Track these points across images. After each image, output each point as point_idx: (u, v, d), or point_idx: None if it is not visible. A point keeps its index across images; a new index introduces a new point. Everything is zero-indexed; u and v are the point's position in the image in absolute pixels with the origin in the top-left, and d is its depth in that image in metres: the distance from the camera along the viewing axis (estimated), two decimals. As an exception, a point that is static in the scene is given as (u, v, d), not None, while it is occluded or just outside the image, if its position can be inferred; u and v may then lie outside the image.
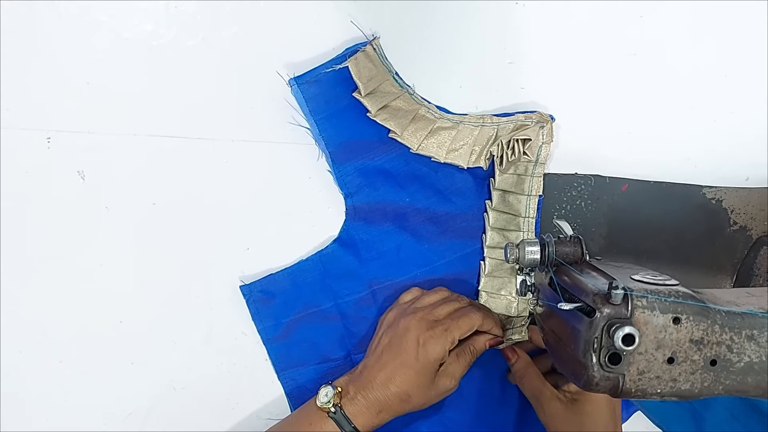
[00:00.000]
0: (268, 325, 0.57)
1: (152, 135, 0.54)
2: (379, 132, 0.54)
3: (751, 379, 0.39)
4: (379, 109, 0.52)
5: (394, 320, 0.54)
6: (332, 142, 0.54)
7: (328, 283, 0.57)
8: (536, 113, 0.55)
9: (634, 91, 0.57)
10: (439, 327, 0.51)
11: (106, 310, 0.56)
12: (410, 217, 0.56)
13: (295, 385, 0.58)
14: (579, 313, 0.40)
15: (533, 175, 0.56)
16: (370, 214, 0.56)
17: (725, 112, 0.58)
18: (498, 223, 0.56)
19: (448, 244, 0.57)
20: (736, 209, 0.59)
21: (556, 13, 0.54)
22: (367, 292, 0.57)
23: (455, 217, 0.57)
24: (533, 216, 0.56)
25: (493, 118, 0.55)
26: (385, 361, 0.51)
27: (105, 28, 0.51)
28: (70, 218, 0.54)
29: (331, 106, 0.53)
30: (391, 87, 0.53)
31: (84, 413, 0.57)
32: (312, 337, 0.57)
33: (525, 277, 0.52)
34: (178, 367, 0.57)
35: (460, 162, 0.55)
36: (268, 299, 0.56)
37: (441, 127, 0.54)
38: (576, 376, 0.41)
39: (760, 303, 0.40)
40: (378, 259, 0.57)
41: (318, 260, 0.56)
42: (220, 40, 0.52)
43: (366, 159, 0.55)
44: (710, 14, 0.55)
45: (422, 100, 0.54)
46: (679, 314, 0.38)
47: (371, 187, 0.55)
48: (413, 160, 0.55)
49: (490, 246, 0.57)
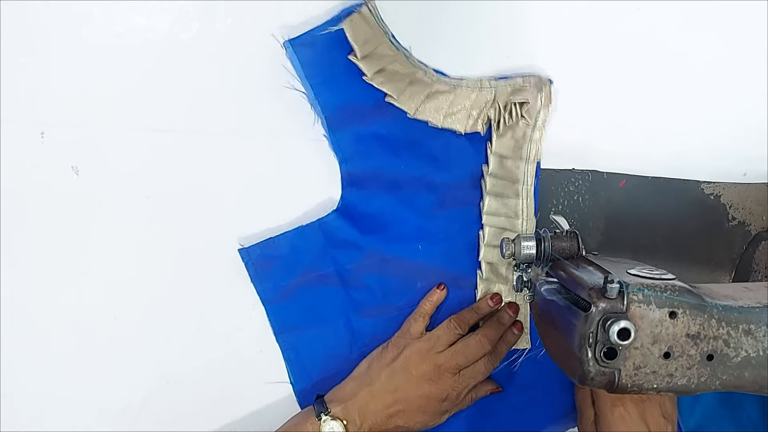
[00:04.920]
0: (267, 286, 0.56)
1: (146, 129, 0.53)
2: (376, 97, 0.53)
3: (748, 374, 0.39)
4: (376, 72, 0.51)
5: (404, 352, 0.54)
6: (328, 107, 0.52)
7: (328, 250, 0.55)
8: (534, 76, 0.53)
9: (632, 86, 0.56)
10: (451, 379, 0.53)
11: (99, 304, 0.55)
12: (406, 186, 0.55)
13: (294, 350, 0.57)
14: (574, 307, 0.40)
15: (531, 140, 0.55)
16: (365, 182, 0.55)
17: (723, 108, 0.57)
18: (495, 188, 0.55)
19: (446, 214, 0.56)
20: (735, 204, 0.59)
21: (551, 6, 0.54)
22: (368, 261, 0.56)
23: (452, 185, 0.56)
24: (532, 182, 0.55)
25: (491, 82, 0.54)
26: (396, 398, 0.52)
27: (98, 22, 0.51)
28: (64, 213, 0.54)
29: (327, 70, 0.52)
30: (388, 50, 0.52)
31: (77, 408, 0.56)
32: (311, 300, 0.56)
33: (521, 273, 0.52)
34: (172, 362, 0.57)
35: (457, 127, 0.54)
36: (267, 262, 0.55)
37: (438, 90, 0.53)
38: (572, 371, 0.40)
39: (757, 297, 0.40)
40: (378, 232, 0.56)
41: (318, 228, 0.55)
42: (214, 32, 0.52)
43: (362, 125, 0.53)
44: (709, 8, 0.55)
45: (419, 63, 0.53)
46: (675, 309, 0.38)
47: (367, 153, 0.54)
48: (409, 126, 0.54)
49: (488, 213, 0.56)
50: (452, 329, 0.55)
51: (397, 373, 0.53)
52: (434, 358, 0.53)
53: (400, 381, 0.52)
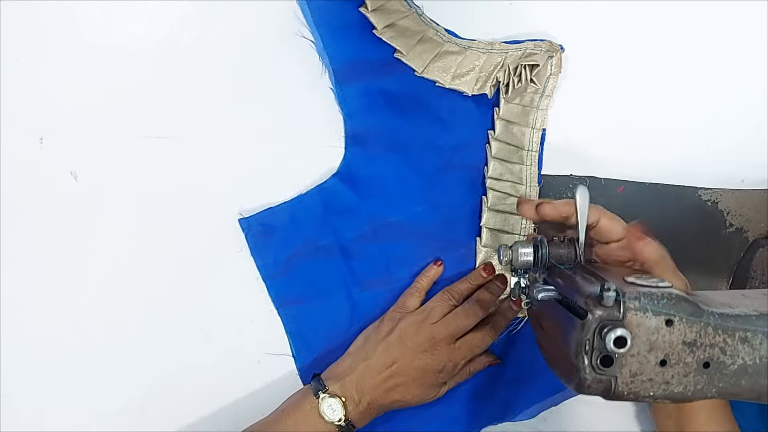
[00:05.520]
0: (267, 261, 0.55)
1: (145, 134, 0.54)
2: (384, 52, 0.53)
3: (745, 382, 0.39)
4: (386, 26, 0.51)
5: (399, 326, 0.54)
6: (336, 59, 0.52)
7: (327, 218, 0.55)
8: (546, 42, 0.53)
9: (630, 93, 0.57)
10: (447, 349, 0.53)
11: (98, 307, 0.55)
12: (411, 146, 0.55)
13: (295, 323, 0.57)
14: (571, 314, 0.40)
15: (539, 108, 0.54)
16: (369, 142, 0.54)
17: (722, 114, 0.58)
18: (501, 153, 0.55)
19: (449, 177, 0.56)
20: (732, 211, 0.59)
21: (551, 12, 0.54)
22: (368, 228, 0.56)
23: (457, 147, 0.55)
24: (536, 150, 0.55)
25: (501, 45, 0.53)
26: (393, 371, 0.52)
27: (96, 27, 0.51)
28: (63, 217, 0.54)
29: (337, 20, 0.51)
30: (399, 6, 0.52)
31: (77, 408, 0.57)
32: (312, 273, 0.56)
33: (519, 279, 0.52)
34: (172, 364, 0.57)
35: (464, 88, 0.54)
36: (267, 233, 0.55)
37: (448, 51, 0.53)
38: (568, 377, 0.40)
39: (754, 305, 0.40)
40: (379, 195, 0.55)
41: (317, 194, 0.55)
42: (212, 37, 0.52)
43: (369, 79, 0.53)
44: (707, 15, 0.55)
45: (431, 21, 0.53)
46: (671, 316, 0.38)
47: (373, 108, 0.54)
48: (417, 84, 0.54)
49: (492, 177, 0.55)
50: (446, 300, 0.55)
51: (393, 346, 0.53)
52: (429, 329, 0.53)
53: (396, 354, 0.52)
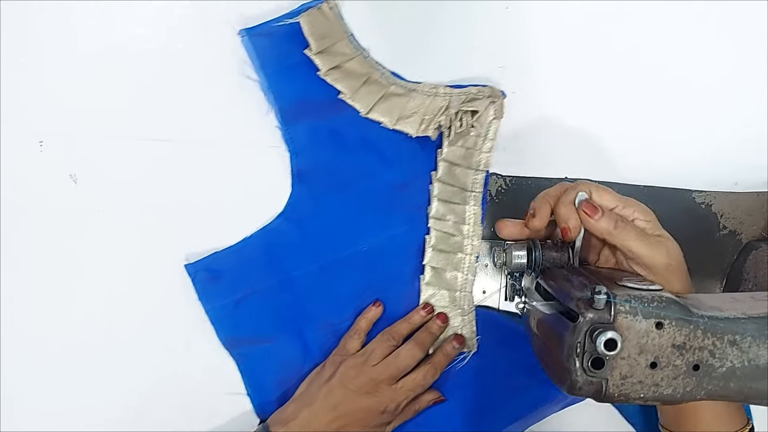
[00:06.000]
0: (215, 305, 0.55)
1: (145, 138, 0.54)
2: (330, 92, 0.53)
3: (733, 385, 0.39)
4: (331, 68, 0.52)
5: (340, 369, 0.54)
6: (282, 98, 0.53)
7: (274, 259, 0.56)
8: (488, 87, 0.54)
9: (625, 96, 0.57)
10: (388, 390, 0.54)
11: (97, 311, 0.56)
12: (356, 185, 0.56)
13: (248, 364, 0.57)
14: (563, 317, 0.41)
15: (482, 150, 0.55)
16: (316, 180, 0.55)
17: (715, 117, 0.58)
18: (443, 194, 0.56)
19: (394, 215, 0.56)
20: (726, 214, 0.59)
21: (547, 14, 0.54)
22: (315, 266, 0.56)
23: (401, 186, 0.56)
24: (480, 191, 0.56)
25: (446, 89, 0.54)
26: (337, 414, 0.53)
27: (95, 32, 0.52)
28: (63, 222, 0.54)
29: (282, 61, 0.52)
30: (346, 48, 0.53)
31: (76, 413, 0.57)
32: (261, 314, 0.56)
33: (514, 281, 0.52)
34: (170, 369, 0.57)
35: (409, 129, 0.54)
36: (214, 278, 0.55)
37: (393, 93, 0.54)
38: (560, 380, 0.41)
39: (743, 308, 0.41)
40: (324, 233, 0.56)
41: (263, 236, 0.55)
42: (211, 42, 0.53)
43: (316, 118, 0.54)
44: (704, 18, 0.55)
45: (376, 64, 0.54)
46: (661, 319, 0.38)
47: (319, 147, 0.55)
48: (362, 124, 0.54)
49: (434, 217, 0.56)
50: (386, 341, 0.55)
51: (335, 389, 0.53)
52: (369, 371, 0.54)
53: (339, 397, 0.53)
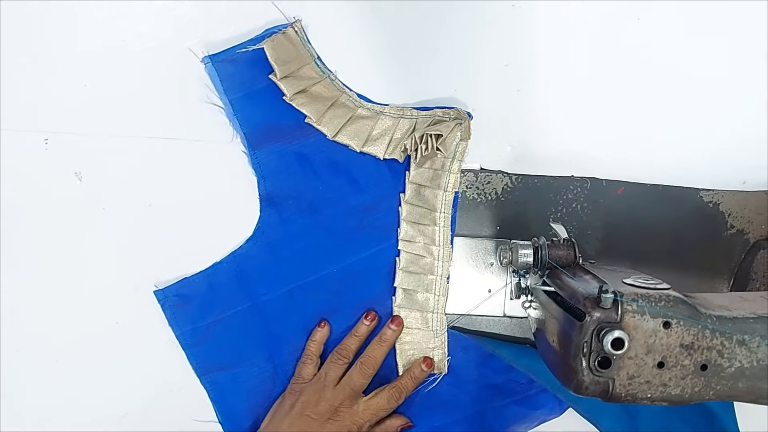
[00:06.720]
0: (185, 330, 0.56)
1: (150, 136, 0.54)
2: (297, 116, 0.53)
3: (742, 385, 0.39)
4: (297, 93, 0.52)
5: (300, 399, 0.54)
6: (247, 123, 0.53)
7: (244, 283, 0.56)
8: (454, 109, 0.54)
9: (631, 94, 0.56)
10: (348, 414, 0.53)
11: (101, 309, 0.56)
12: (325, 209, 0.56)
13: (219, 390, 0.57)
14: (569, 316, 0.40)
15: (450, 172, 0.55)
16: (284, 204, 0.55)
17: (723, 115, 0.57)
18: (412, 216, 0.56)
19: (363, 238, 0.56)
20: (734, 213, 0.59)
21: (551, 14, 0.54)
22: (285, 290, 0.56)
23: (370, 208, 0.56)
24: (449, 211, 0.55)
25: (412, 111, 0.54)
26: None
27: (101, 30, 0.52)
28: (67, 219, 0.54)
29: (247, 87, 0.52)
30: (312, 72, 0.53)
31: (80, 413, 0.57)
32: (232, 339, 0.56)
33: (519, 280, 0.52)
34: (174, 368, 0.57)
35: (377, 152, 0.54)
36: (184, 303, 0.55)
37: (360, 116, 0.54)
38: (566, 380, 0.41)
39: (752, 307, 0.40)
40: (293, 258, 0.56)
41: (233, 261, 0.56)
42: (216, 40, 0.52)
43: (282, 143, 0.54)
44: (708, 16, 0.55)
45: (343, 86, 0.54)
46: (669, 319, 0.38)
47: (286, 171, 0.55)
48: (329, 148, 0.54)
49: (404, 239, 0.56)
50: (336, 361, 0.55)
51: (296, 419, 0.53)
52: (327, 397, 0.53)
53: (301, 427, 0.53)
